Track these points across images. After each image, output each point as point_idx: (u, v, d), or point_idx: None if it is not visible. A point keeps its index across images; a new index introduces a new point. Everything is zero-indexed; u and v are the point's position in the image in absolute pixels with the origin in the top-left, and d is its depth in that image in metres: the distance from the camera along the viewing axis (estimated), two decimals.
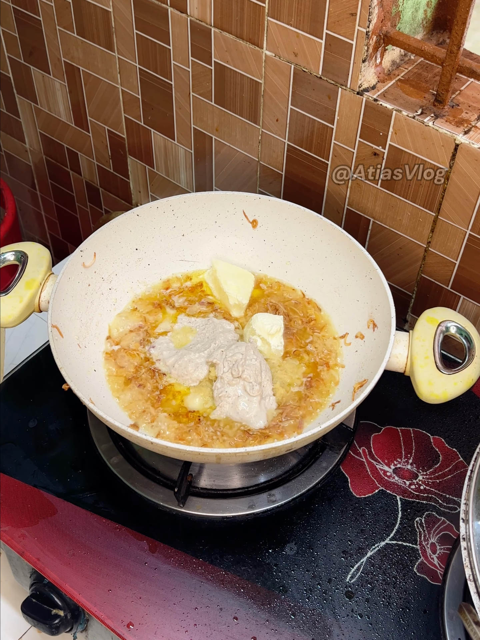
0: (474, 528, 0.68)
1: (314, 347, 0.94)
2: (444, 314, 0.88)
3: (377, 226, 0.99)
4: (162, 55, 1.05)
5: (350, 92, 0.89)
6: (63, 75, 1.22)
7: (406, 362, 0.85)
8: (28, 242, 0.94)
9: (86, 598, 0.81)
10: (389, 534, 0.87)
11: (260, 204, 0.98)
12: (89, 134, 1.28)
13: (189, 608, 0.81)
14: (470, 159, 0.84)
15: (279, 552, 0.86)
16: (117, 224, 0.95)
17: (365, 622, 0.80)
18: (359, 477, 0.92)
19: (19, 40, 1.24)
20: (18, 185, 1.58)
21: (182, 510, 0.87)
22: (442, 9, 0.92)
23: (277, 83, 0.95)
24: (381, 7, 0.82)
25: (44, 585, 0.88)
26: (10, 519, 0.88)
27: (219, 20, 0.94)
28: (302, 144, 0.99)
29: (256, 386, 0.86)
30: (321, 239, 0.96)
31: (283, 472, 0.91)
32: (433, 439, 0.96)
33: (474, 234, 0.90)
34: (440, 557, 0.86)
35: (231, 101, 1.02)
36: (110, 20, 1.07)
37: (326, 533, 0.87)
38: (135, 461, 0.92)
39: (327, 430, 0.77)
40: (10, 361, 1.22)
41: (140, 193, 1.30)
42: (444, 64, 0.84)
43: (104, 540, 0.86)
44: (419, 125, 0.85)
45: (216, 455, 0.75)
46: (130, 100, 1.15)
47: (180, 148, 1.15)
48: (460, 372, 0.83)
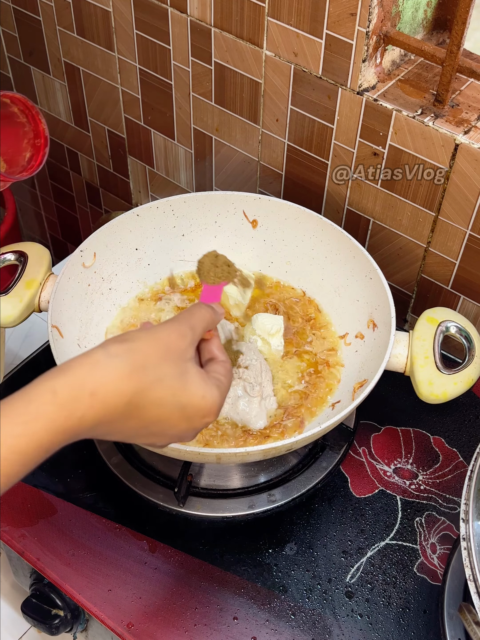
0: (474, 528, 0.68)
1: (314, 347, 0.94)
2: (444, 314, 0.88)
3: (377, 226, 0.99)
4: (162, 55, 1.05)
5: (350, 92, 0.89)
6: (63, 75, 1.22)
7: (406, 362, 0.85)
8: (28, 242, 0.94)
9: (86, 598, 0.81)
10: (389, 534, 0.87)
11: (260, 204, 0.98)
12: (89, 134, 1.28)
13: (189, 608, 0.81)
14: (470, 159, 0.84)
15: (279, 552, 0.86)
16: (117, 224, 0.95)
17: (365, 622, 0.80)
18: (359, 477, 0.92)
19: (19, 40, 1.24)
20: (18, 185, 1.58)
21: (182, 510, 0.87)
22: (442, 9, 0.92)
23: (277, 83, 0.95)
24: (381, 7, 0.82)
25: (44, 585, 0.89)
26: (10, 519, 0.88)
27: (219, 20, 0.94)
28: (302, 144, 0.99)
29: (256, 387, 0.86)
30: (321, 239, 0.96)
31: (283, 472, 0.91)
32: (433, 439, 0.96)
33: (474, 234, 0.90)
34: (440, 557, 0.86)
35: (231, 101, 1.02)
36: (110, 20, 1.07)
37: (326, 533, 0.87)
38: (135, 461, 0.92)
39: (327, 430, 0.77)
40: (10, 361, 1.22)
41: (140, 193, 1.30)
42: (444, 64, 0.84)
43: (104, 540, 0.86)
44: (419, 125, 0.85)
45: (216, 455, 0.75)
46: (130, 100, 1.15)
47: (180, 148, 1.15)
48: (460, 372, 0.83)
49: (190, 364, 0.58)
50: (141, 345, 0.55)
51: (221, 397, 0.59)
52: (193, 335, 0.59)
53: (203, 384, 0.58)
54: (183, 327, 0.59)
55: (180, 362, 0.57)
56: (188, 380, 0.57)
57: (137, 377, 0.53)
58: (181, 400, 0.56)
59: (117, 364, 0.53)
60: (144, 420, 0.55)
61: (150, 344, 0.56)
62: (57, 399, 0.50)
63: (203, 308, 0.63)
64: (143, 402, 0.54)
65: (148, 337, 0.56)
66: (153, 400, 0.54)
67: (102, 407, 0.51)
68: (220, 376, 0.61)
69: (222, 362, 0.63)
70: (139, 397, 0.53)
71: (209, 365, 0.62)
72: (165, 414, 0.56)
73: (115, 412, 0.52)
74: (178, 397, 0.56)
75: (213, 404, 0.58)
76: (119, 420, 0.53)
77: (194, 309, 0.62)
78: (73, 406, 0.50)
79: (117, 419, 0.53)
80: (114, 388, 0.52)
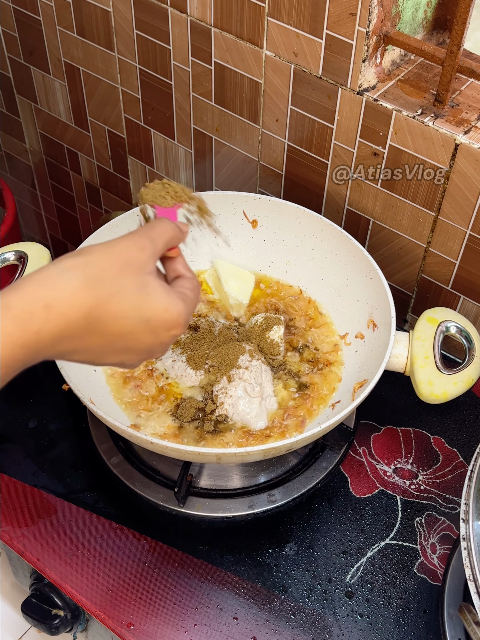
0: (474, 528, 0.68)
1: (314, 347, 0.94)
2: (444, 314, 0.88)
3: (377, 226, 0.99)
4: (162, 55, 1.05)
5: (350, 92, 0.89)
6: (63, 75, 1.22)
7: (406, 362, 0.85)
8: (28, 242, 0.94)
9: (86, 598, 0.81)
10: (389, 534, 0.87)
11: (260, 204, 0.98)
12: (89, 134, 1.28)
13: (189, 608, 0.81)
14: (470, 159, 0.84)
15: (279, 552, 0.86)
16: (117, 224, 0.95)
17: (365, 622, 0.80)
18: (359, 477, 0.92)
19: (19, 40, 1.24)
20: (18, 185, 1.58)
21: (182, 510, 0.87)
22: (442, 9, 0.92)
23: (277, 83, 0.95)
24: (381, 7, 0.82)
25: (44, 585, 0.89)
26: (10, 519, 0.88)
27: (219, 20, 0.94)
28: (302, 144, 0.99)
29: (257, 387, 0.86)
30: (321, 239, 0.96)
31: (283, 472, 0.91)
32: (433, 439, 0.96)
33: (474, 234, 0.90)
34: (440, 557, 0.86)
35: (231, 101, 1.02)
36: (110, 20, 1.07)
37: (326, 533, 0.87)
38: (135, 461, 0.92)
39: (327, 430, 0.77)
40: None
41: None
42: (444, 64, 0.84)
43: (104, 540, 0.86)
44: (419, 125, 0.85)
45: (216, 455, 0.75)
46: (130, 100, 1.15)
47: (180, 148, 1.15)
48: (460, 372, 0.83)
49: (152, 277, 0.56)
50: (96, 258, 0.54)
51: (187, 310, 0.58)
52: (154, 248, 0.57)
53: (165, 296, 0.56)
54: (142, 239, 0.57)
55: (140, 274, 0.55)
56: (149, 293, 0.55)
57: (93, 289, 0.52)
58: (144, 313, 0.55)
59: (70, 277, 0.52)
60: (107, 336, 0.54)
61: (106, 257, 0.54)
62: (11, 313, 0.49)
63: (165, 222, 0.61)
64: (103, 316, 0.52)
65: (104, 250, 0.55)
66: (113, 313, 0.53)
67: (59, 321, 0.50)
68: (185, 290, 0.59)
69: (188, 279, 0.61)
70: (98, 310, 0.52)
71: (175, 282, 0.61)
72: (128, 327, 0.54)
73: (75, 326, 0.51)
74: (140, 309, 0.54)
75: (178, 315, 0.57)
76: (81, 335, 0.52)
77: (154, 222, 0.60)
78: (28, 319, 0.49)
79: (78, 334, 0.52)
80: (70, 301, 0.51)
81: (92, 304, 0.52)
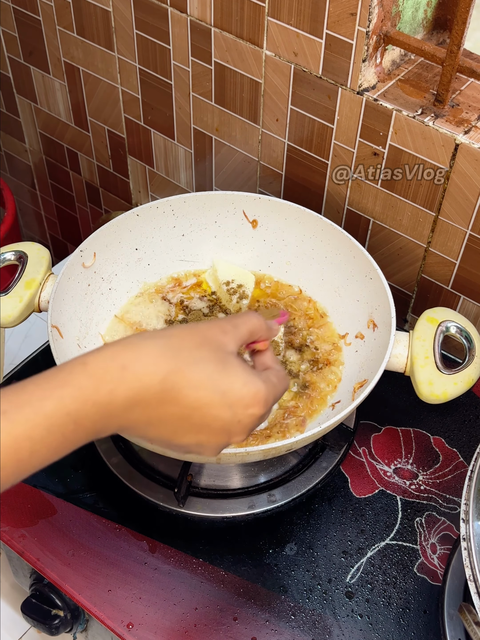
0: (474, 528, 0.68)
1: (314, 347, 0.94)
2: (444, 314, 0.88)
3: (377, 226, 0.99)
4: (162, 55, 1.05)
5: (350, 92, 0.89)
6: (63, 75, 1.22)
7: (406, 362, 0.85)
8: (28, 242, 0.94)
9: (86, 598, 0.81)
10: (389, 534, 0.87)
11: (260, 204, 0.98)
12: (88, 134, 1.28)
13: (189, 608, 0.81)
14: (470, 159, 0.84)
15: (279, 552, 0.85)
16: (117, 224, 0.95)
17: (365, 623, 0.80)
18: (359, 477, 0.92)
19: (19, 40, 1.24)
20: (18, 185, 1.58)
21: (182, 511, 0.87)
22: (442, 9, 0.92)
23: (277, 83, 0.95)
24: (381, 7, 0.82)
25: (44, 585, 0.88)
26: (10, 519, 0.88)
27: (219, 20, 0.94)
28: (302, 144, 0.99)
29: None
30: (321, 239, 0.96)
31: (283, 472, 0.91)
32: (433, 439, 0.96)
33: (474, 234, 0.90)
34: (441, 557, 0.86)
35: (231, 101, 1.02)
36: (110, 20, 1.07)
37: (326, 533, 0.87)
38: (135, 461, 0.92)
39: (327, 430, 0.77)
40: (10, 361, 1.22)
41: (140, 193, 1.30)
42: (444, 64, 0.84)
43: (104, 540, 0.86)
44: (419, 125, 0.85)
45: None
46: (130, 100, 1.15)
47: (180, 148, 1.15)
48: (460, 372, 0.83)
49: (232, 356, 0.55)
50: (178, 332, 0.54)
51: (267, 390, 0.55)
52: (235, 333, 0.57)
53: (245, 373, 0.54)
54: (225, 323, 0.57)
55: (219, 351, 0.54)
56: (228, 367, 0.54)
57: (171, 356, 0.52)
58: (220, 385, 0.53)
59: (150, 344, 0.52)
60: (182, 407, 0.52)
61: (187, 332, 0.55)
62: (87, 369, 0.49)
63: (251, 313, 0.60)
64: (179, 384, 0.52)
65: (186, 328, 0.55)
66: (189, 382, 0.52)
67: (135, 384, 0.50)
68: (270, 375, 0.58)
69: (276, 370, 0.60)
70: (174, 376, 0.51)
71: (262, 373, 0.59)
72: (203, 398, 0.53)
73: (149, 391, 0.51)
74: (216, 380, 0.53)
75: (257, 392, 0.54)
76: (155, 404, 0.51)
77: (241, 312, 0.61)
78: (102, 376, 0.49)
79: (153, 402, 0.51)
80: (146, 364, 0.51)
81: (168, 370, 0.52)
